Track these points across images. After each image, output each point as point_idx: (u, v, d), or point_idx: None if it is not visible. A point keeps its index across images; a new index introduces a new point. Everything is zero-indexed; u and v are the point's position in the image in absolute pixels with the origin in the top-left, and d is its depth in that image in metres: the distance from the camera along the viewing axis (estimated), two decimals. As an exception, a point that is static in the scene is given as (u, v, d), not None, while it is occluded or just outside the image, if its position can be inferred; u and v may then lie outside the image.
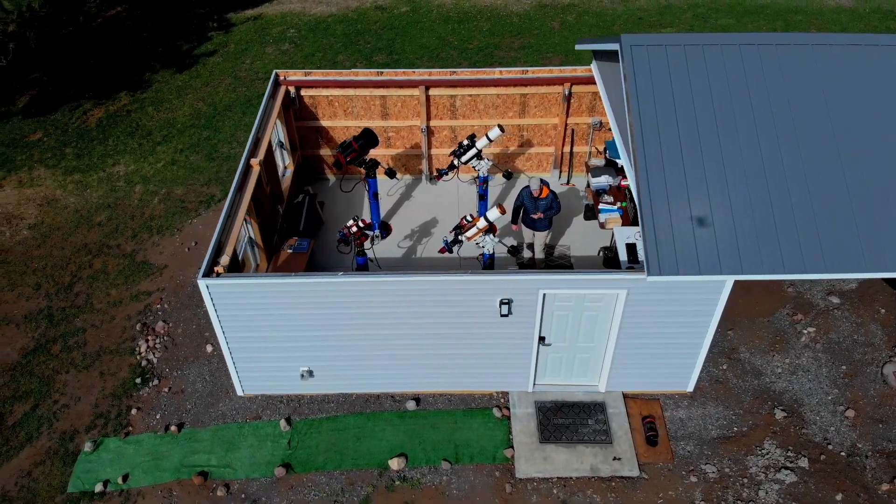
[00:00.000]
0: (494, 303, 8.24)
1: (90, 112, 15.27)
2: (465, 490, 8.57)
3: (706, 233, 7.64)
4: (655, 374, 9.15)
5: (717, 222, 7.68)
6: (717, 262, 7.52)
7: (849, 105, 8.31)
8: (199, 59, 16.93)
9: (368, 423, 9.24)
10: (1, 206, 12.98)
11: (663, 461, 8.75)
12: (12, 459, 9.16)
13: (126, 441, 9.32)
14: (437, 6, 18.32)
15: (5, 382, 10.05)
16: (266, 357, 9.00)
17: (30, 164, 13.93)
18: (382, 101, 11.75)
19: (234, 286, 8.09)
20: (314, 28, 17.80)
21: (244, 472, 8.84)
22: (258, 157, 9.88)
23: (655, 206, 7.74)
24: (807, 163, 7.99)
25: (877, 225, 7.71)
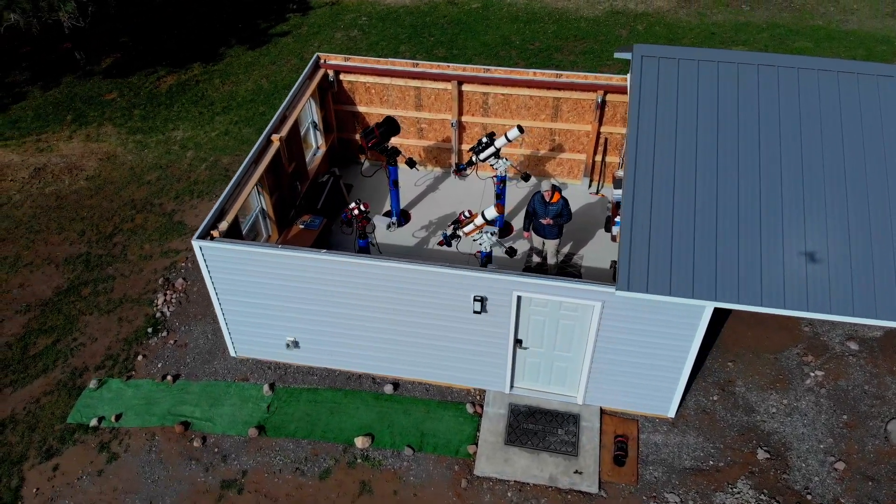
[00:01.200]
0: (468, 298, 8.30)
1: (163, 79, 16.30)
2: (422, 478, 8.69)
3: (683, 255, 7.41)
4: (634, 393, 8.93)
5: (698, 246, 7.43)
6: (689, 285, 7.28)
7: (870, 145, 7.83)
8: (272, 39, 17.70)
9: (345, 399, 9.52)
10: (66, 156, 14.11)
11: (626, 482, 8.55)
12: (26, 386, 10.02)
13: (127, 384, 9.99)
14: (508, 5, 18.34)
15: (35, 316, 10.97)
16: (255, 322, 9.43)
17: (100, 120, 15.04)
18: (417, 92, 11.96)
19: (224, 250, 8.54)
20: (384, 17, 18.22)
21: (222, 428, 9.31)
22: (281, 133, 10.32)
23: (636, 221, 7.58)
24: (809, 198, 7.60)
25: (872, 270, 7.24)
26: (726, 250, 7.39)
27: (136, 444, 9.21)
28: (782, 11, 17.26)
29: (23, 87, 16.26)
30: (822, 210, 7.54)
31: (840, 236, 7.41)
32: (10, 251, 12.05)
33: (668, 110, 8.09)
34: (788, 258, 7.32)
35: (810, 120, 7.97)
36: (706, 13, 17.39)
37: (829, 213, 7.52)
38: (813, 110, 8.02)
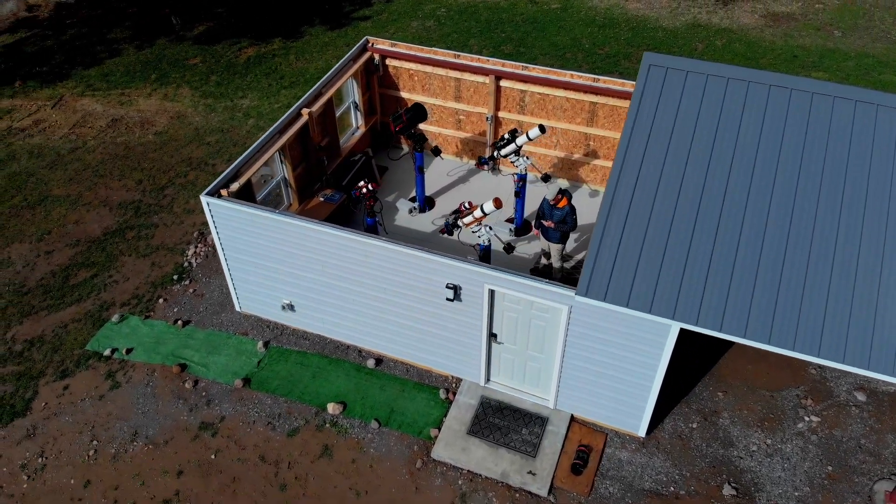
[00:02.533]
0: (442, 285, 8.46)
1: (244, 50, 17.30)
2: (382, 452, 8.95)
3: (649, 270, 7.26)
4: (604, 405, 8.80)
5: (667, 263, 7.25)
6: (649, 300, 7.13)
7: (878, 183, 7.36)
8: (353, 22, 18.36)
9: (329, 366, 9.91)
10: (142, 111, 15.30)
11: (578, 492, 8.46)
12: (59, 311, 11.06)
13: (144, 322, 10.82)
14: (588, 8, 18.12)
15: (81, 251, 12.05)
16: (256, 282, 9.98)
17: (179, 82, 16.18)
18: (457, 83, 12.16)
19: (228, 209, 9.10)
20: (463, 11, 18.47)
21: (213, 375, 9.94)
22: (312, 108, 10.82)
23: (609, 228, 7.49)
24: (796, 230, 7.24)
25: (850, 311, 6.83)
26: (695, 271, 7.17)
27: (137, 377, 9.99)
28: (876, 42, 16.13)
29: (121, 45, 17.72)
30: (808, 244, 7.16)
31: (820, 273, 7.02)
32: (73, 191, 13.26)
33: (665, 122, 7.91)
34: (760, 289, 7.02)
35: (815, 148, 7.57)
36: (793, 35, 16.51)
37: (815, 249, 7.13)
38: (819, 139, 7.61)
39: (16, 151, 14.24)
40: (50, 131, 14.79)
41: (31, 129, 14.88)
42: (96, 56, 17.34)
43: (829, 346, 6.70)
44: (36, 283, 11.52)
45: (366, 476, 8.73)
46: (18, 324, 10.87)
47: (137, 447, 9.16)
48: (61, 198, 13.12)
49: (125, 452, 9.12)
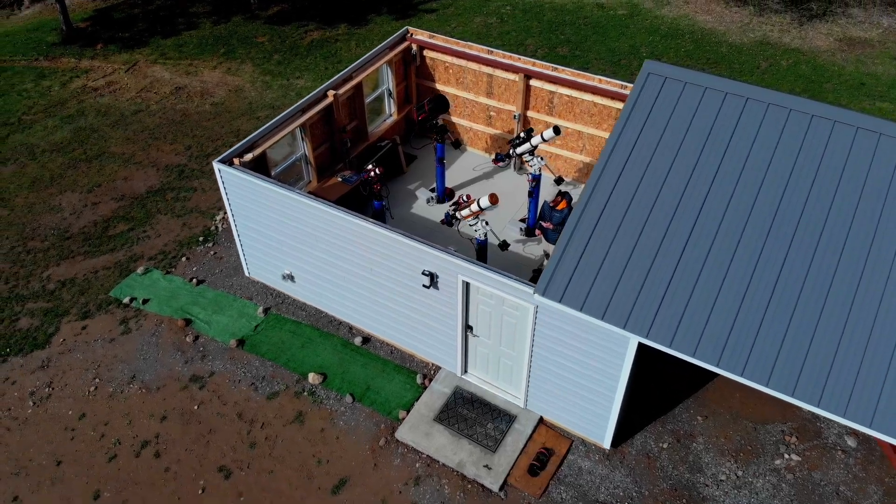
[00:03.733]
0: (420, 271, 8.64)
1: (310, 33, 17.96)
2: (350, 426, 9.24)
3: (609, 276, 7.18)
4: (571, 411, 8.75)
5: (628, 272, 7.16)
6: (603, 307, 7.07)
7: (865, 216, 7.00)
8: (419, 14, 18.71)
9: (318, 338, 10.28)
10: (205, 82, 16.19)
11: (530, 493, 8.46)
12: (93, 258, 11.95)
13: (164, 277, 11.55)
14: (654, 17, 17.72)
15: (124, 206, 12.95)
16: (262, 250, 10.47)
17: (244, 58, 17.01)
18: (489, 79, 12.25)
19: (237, 177, 9.60)
20: (528, 10, 18.46)
21: (213, 333, 10.51)
22: (339, 90, 11.20)
23: (578, 231, 7.45)
24: (767, 254, 6.98)
25: (809, 345, 6.55)
26: (655, 285, 7.05)
27: (147, 326, 10.70)
28: (959, 74, 15.00)
29: (199, 19, 18.77)
30: (778, 269, 6.90)
31: (785, 299, 6.75)
32: (128, 150, 14.23)
33: (653, 131, 7.77)
34: (719, 311, 6.82)
35: (804, 172, 7.26)
36: (866, 62, 15.58)
37: (786, 275, 6.86)
38: (811, 163, 7.29)
39: (86, 109, 15.40)
40: (119, 93, 15.90)
41: (103, 89, 16.04)
42: (175, 27, 18.45)
43: (782, 376, 6.46)
44: (79, 230, 12.48)
45: (330, 446, 9.05)
46: (56, 265, 11.83)
47: (132, 389, 9.83)
48: (116, 155, 14.11)
49: (121, 393, 9.81)
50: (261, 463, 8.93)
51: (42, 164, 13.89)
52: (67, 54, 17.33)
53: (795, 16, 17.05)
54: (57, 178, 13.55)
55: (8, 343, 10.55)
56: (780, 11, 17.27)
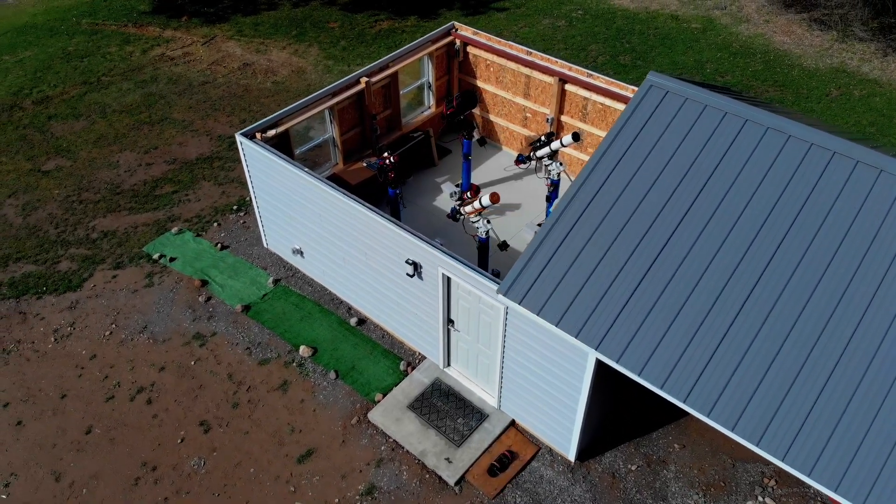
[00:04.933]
0: (394, 260, 8.80)
1: (381, 22, 18.38)
2: (328, 401, 9.53)
3: (573, 283, 7.10)
4: (539, 418, 8.68)
5: (592, 281, 7.05)
6: (560, 314, 7.00)
7: (848, 254, 6.61)
8: (489, 11, 18.77)
9: (318, 314, 10.63)
10: (272, 61, 16.90)
11: (485, 492, 8.47)
12: (137, 214, 12.78)
13: (194, 239, 12.22)
14: (729, 33, 17.02)
15: (174, 169, 13.76)
16: (278, 223, 10.91)
17: (312, 41, 17.63)
18: (527, 80, 12.21)
19: (255, 150, 10.05)
20: (599, 15, 18.16)
21: (224, 296, 11.05)
22: (372, 78, 11.48)
23: (551, 235, 7.40)
24: (735, 282, 6.71)
25: (770, 389, 6.27)
26: (614, 299, 6.91)
27: (167, 283, 11.38)
28: None
29: (281, 0, 19.56)
30: (744, 297, 6.61)
31: (747, 330, 6.47)
32: (188, 117, 15.08)
33: (644, 144, 7.58)
34: (675, 332, 6.62)
35: (791, 202, 6.91)
36: (951, 99, 14.42)
37: (754, 307, 6.57)
38: (800, 193, 6.92)
39: (159, 76, 16.42)
40: (192, 64, 16.85)
41: (179, 59, 17.05)
42: (257, 6, 19.32)
43: (725, 408, 6.21)
44: (129, 187, 13.37)
45: (306, 417, 9.37)
46: (102, 217, 12.74)
47: (141, 339, 10.50)
48: (177, 121, 14.99)
49: (131, 340, 10.50)
50: (239, 423, 9.36)
51: (110, 123, 14.95)
52: (154, 23, 18.51)
53: (881, 45, 15.97)
54: (120, 138, 14.54)
55: (46, 282, 11.48)
56: (866, 40, 16.23)
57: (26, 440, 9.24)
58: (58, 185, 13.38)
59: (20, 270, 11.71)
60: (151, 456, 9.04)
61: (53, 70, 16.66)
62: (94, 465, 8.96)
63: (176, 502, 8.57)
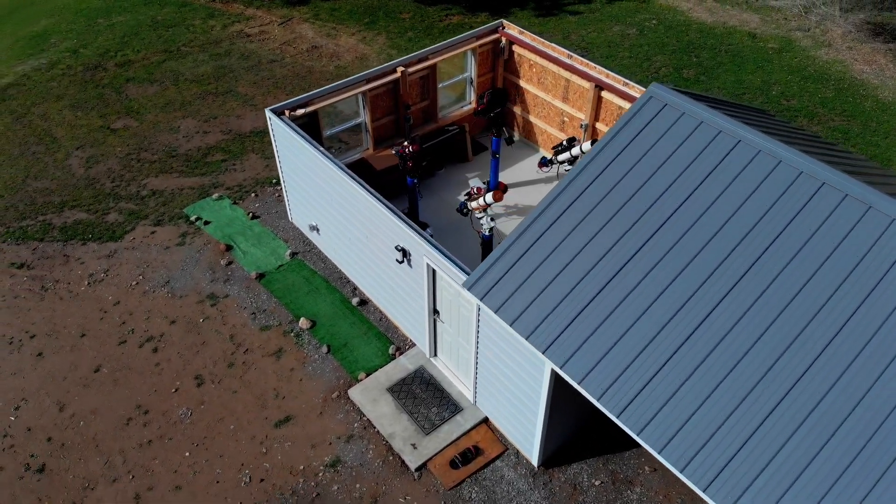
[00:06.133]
0: (390, 244, 8.99)
1: (451, 17, 18.59)
2: (314, 374, 9.86)
3: (532, 288, 7.07)
4: (508, 419, 8.68)
5: (554, 285, 7.00)
6: (516, 313, 7.00)
7: (820, 280, 6.28)
8: (562, 14, 18.60)
9: (324, 290, 10.99)
10: (339, 46, 17.45)
11: (443, 482, 8.56)
12: (185, 178, 13.57)
13: (231, 206, 12.87)
14: (806, 56, 16.14)
15: (227, 139, 14.49)
16: (300, 198, 11.34)
17: (381, 30, 18.05)
18: (566, 84, 12.10)
19: (281, 127, 10.48)
20: (672, 27, 17.64)
21: (244, 262, 11.61)
22: (409, 69, 11.71)
23: (524, 236, 7.39)
24: (701, 302, 6.51)
25: (732, 429, 6.08)
26: (569, 307, 6.84)
27: (196, 243, 12.05)
28: None
29: (360, -11, 20.14)
30: (700, 318, 6.40)
31: (691, 352, 6.26)
32: (251, 92, 15.83)
33: (633, 154, 7.42)
34: (625, 345, 6.50)
35: (770, 227, 6.60)
36: None
37: (708, 327, 6.35)
38: (780, 219, 6.60)
39: (232, 50, 17.29)
40: (265, 43, 17.64)
41: (254, 36, 17.88)
42: (338, -7, 19.97)
43: (657, 431, 6.06)
44: (184, 151, 14.21)
45: (291, 385, 9.74)
46: (154, 176, 13.61)
47: (162, 292, 11.20)
48: (240, 94, 15.77)
49: (153, 292, 11.22)
50: (230, 382, 9.85)
51: (180, 90, 15.90)
52: (239, 1, 19.47)
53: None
54: (186, 105, 15.45)
55: (93, 231, 12.41)
56: (958, 75, 15.03)
57: (42, 370, 10.08)
58: (121, 143, 14.39)
59: (73, 217, 12.71)
60: (146, 400, 9.67)
61: (140, 36, 17.87)
62: (95, 401, 9.67)
63: (158, 445, 9.14)
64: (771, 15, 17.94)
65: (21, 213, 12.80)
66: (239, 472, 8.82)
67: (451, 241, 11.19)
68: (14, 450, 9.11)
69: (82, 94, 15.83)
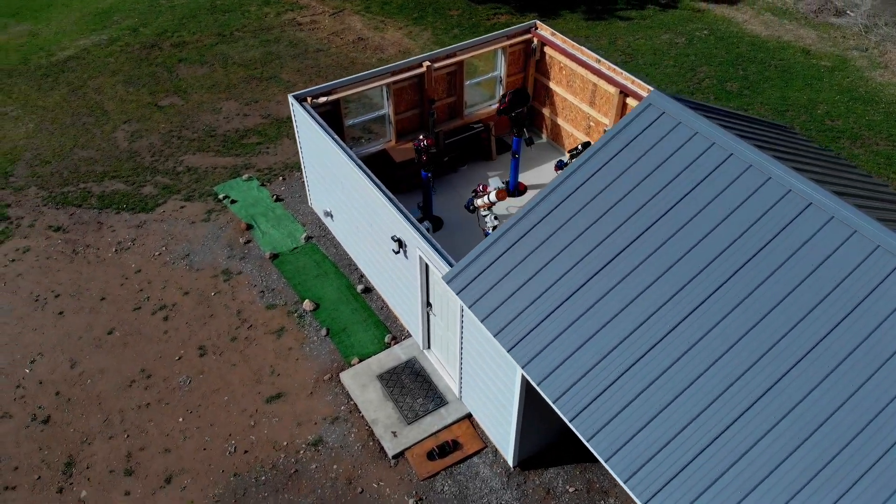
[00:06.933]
0: (389, 234, 9.12)
1: (499, 16, 18.60)
2: (311, 354, 10.11)
3: (506, 287, 7.09)
4: (489, 417, 8.70)
5: (523, 291, 7.00)
6: (488, 310, 7.04)
7: (792, 303, 6.10)
8: (611, 19, 18.35)
9: (332, 275, 11.23)
10: (384, 39, 17.70)
11: (418, 472, 8.66)
12: (220, 157, 14.06)
13: (258, 188, 13.28)
14: (859, 77, 15.45)
15: (265, 123, 14.93)
16: (318, 183, 11.61)
17: (428, 25, 18.20)
18: (594, 88, 11.98)
19: (301, 113, 10.76)
20: (724, 38, 17.17)
21: (261, 242, 11.97)
22: (435, 64, 11.82)
23: (511, 232, 7.41)
24: (666, 315, 6.40)
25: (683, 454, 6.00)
26: (539, 309, 6.82)
27: (220, 220, 12.49)
28: None
29: (413, -16, 20.36)
30: (665, 331, 6.29)
31: (651, 364, 6.17)
32: (294, 79, 16.25)
33: (622, 161, 7.33)
34: (586, 352, 6.45)
35: (750, 242, 6.43)
36: None
37: (671, 342, 6.24)
38: (762, 236, 6.42)
39: (282, 38, 17.78)
40: (314, 32, 18.06)
41: (305, 25, 18.33)
42: (392, -13, 20.25)
43: (606, 440, 6.01)
44: (222, 132, 14.72)
45: (287, 364, 10.01)
46: (192, 154, 14.16)
47: (181, 264, 11.66)
48: (283, 81, 16.21)
49: (172, 264, 11.69)
50: (230, 355, 10.19)
51: (227, 73, 16.46)
52: (296, -9, 20.00)
53: None
54: (231, 87, 15.99)
55: (127, 201, 13.02)
56: None
57: (61, 328, 10.66)
58: (166, 120, 15.01)
59: (111, 187, 13.35)
60: (151, 365, 10.11)
61: (197, 19, 18.56)
62: (104, 362, 10.17)
63: (156, 409, 9.56)
64: (829, 32, 17.26)
65: (65, 179, 13.52)
66: (225, 442, 9.14)
67: (462, 237, 11.26)
68: (24, 400, 9.69)
69: (136, 70, 16.59)
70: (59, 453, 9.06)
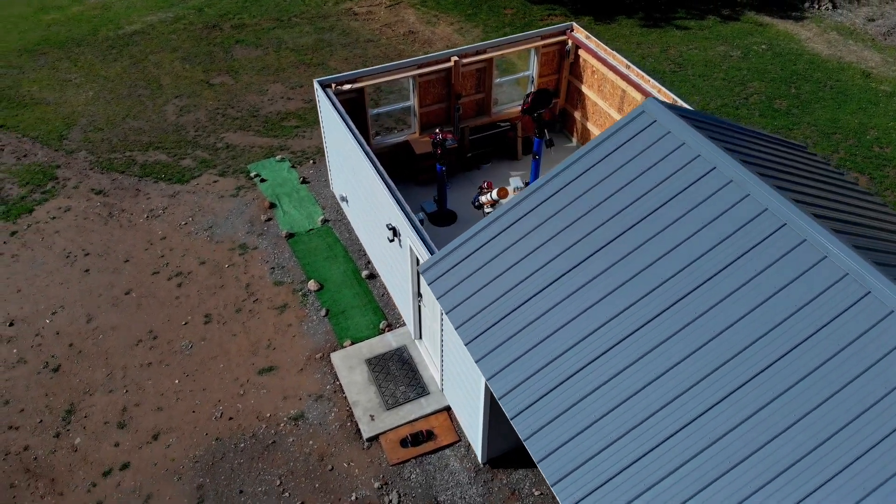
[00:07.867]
0: (384, 221, 9.27)
1: (553, 17, 18.46)
2: (308, 333, 10.39)
3: (474, 282, 7.12)
4: (464, 411, 8.75)
5: (496, 283, 7.02)
6: (454, 304, 7.09)
7: (753, 320, 5.92)
8: (666, 27, 17.93)
9: (340, 258, 11.49)
10: (434, 34, 17.85)
11: (389, 457, 8.79)
12: (258, 137, 14.55)
13: (288, 169, 13.69)
14: (925, 103, 14.60)
15: (306, 108, 15.33)
16: (336, 167, 11.89)
17: (479, 22, 18.25)
18: (623, 94, 11.80)
19: (324, 99, 11.03)
20: (782, 55, 16.51)
21: (281, 221, 12.34)
22: (463, 60, 11.89)
23: (491, 227, 7.44)
24: (630, 320, 6.31)
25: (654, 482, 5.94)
26: (502, 306, 6.83)
27: (247, 198, 12.95)
28: None
29: (473, -19, 20.42)
30: (620, 337, 6.20)
31: (603, 373, 6.10)
32: (340, 66, 16.61)
33: (608, 166, 7.23)
34: (538, 353, 6.43)
35: (717, 256, 6.25)
36: None
37: (628, 349, 6.15)
38: (731, 252, 6.23)
39: (336, 26, 18.19)
40: (368, 23, 18.41)
41: (360, 15, 18.70)
42: (451, -17, 20.38)
43: (556, 462, 5.98)
44: (265, 113, 15.22)
45: (284, 339, 10.32)
46: (233, 132, 14.71)
47: (203, 236, 12.17)
48: (330, 68, 16.60)
49: (195, 234, 12.21)
50: (233, 325, 10.59)
51: (279, 57, 16.99)
52: (358, -18, 20.39)
53: None
54: (280, 71, 16.51)
55: (166, 171, 13.65)
56: None
57: (84, 285, 11.31)
58: (214, 98, 15.64)
59: (154, 157, 14.03)
60: (158, 327, 10.61)
61: (259, 3, 19.21)
62: (117, 320, 10.74)
63: (156, 369, 10.04)
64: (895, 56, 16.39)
65: (113, 146, 14.29)
66: (214, 407, 9.52)
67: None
68: (40, 348, 10.34)
69: (195, 48, 17.33)
70: (62, 401, 9.65)
